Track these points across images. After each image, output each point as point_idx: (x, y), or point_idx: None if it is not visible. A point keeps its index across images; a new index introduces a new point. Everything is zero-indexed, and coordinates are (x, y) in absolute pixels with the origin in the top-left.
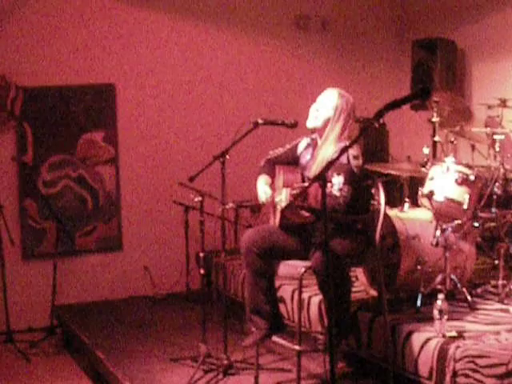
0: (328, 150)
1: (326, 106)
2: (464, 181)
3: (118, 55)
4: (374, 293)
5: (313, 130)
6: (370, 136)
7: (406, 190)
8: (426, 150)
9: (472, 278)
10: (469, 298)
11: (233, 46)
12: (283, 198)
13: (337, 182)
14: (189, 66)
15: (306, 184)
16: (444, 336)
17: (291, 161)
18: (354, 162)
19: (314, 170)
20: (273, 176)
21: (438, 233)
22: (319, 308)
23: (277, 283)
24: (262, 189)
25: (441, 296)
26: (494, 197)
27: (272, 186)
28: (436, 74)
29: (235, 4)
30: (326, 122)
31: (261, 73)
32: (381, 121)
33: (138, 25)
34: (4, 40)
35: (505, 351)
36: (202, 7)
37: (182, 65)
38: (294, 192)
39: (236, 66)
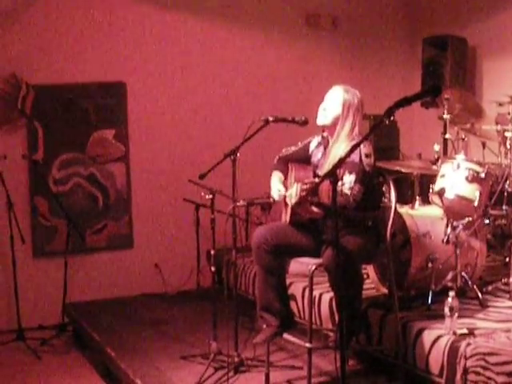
0: (340, 147)
1: (333, 103)
2: (475, 178)
3: (128, 53)
4: (384, 290)
5: (323, 129)
6: (380, 133)
7: (417, 187)
8: (437, 148)
9: (483, 275)
10: (479, 295)
11: (243, 44)
12: (294, 193)
13: (348, 181)
14: (199, 64)
15: (317, 180)
16: (455, 333)
17: (303, 159)
18: (365, 161)
19: (326, 168)
20: (286, 173)
21: (449, 230)
22: (330, 305)
23: (288, 281)
24: (276, 186)
25: (451, 293)
26: (505, 194)
27: (285, 183)
28: (446, 72)
29: (245, 2)
30: (336, 120)
31: (271, 70)
32: (391, 118)
33: (148, 23)
34: (15, 38)
35: None
36: (213, 5)
37: (192, 63)
38: (305, 187)
39: (246, 63)
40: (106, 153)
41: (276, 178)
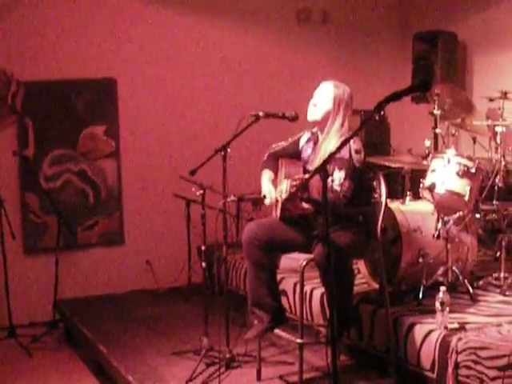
0: (330, 143)
1: (323, 99)
2: (465, 173)
3: (118, 49)
4: (375, 285)
5: (313, 124)
6: (371, 129)
7: (408, 182)
8: (428, 143)
9: (474, 270)
10: (470, 290)
11: (233, 40)
12: (283, 189)
13: (338, 177)
14: (189, 59)
15: (307, 175)
16: (446, 328)
17: (293, 155)
18: (356, 157)
19: (316, 163)
20: (276, 170)
21: (440, 225)
22: (321, 301)
23: (279, 276)
24: (267, 188)
25: (442, 288)
26: (496, 189)
27: (275, 181)
28: (437, 67)
29: None
30: (326, 116)
31: (262, 65)
32: (381, 113)
33: (138, 19)
34: (4, 34)
35: (506, 343)
36: (202, 1)
37: (182, 58)
38: (295, 183)
39: (237, 58)
40: (96, 149)
41: (266, 178)
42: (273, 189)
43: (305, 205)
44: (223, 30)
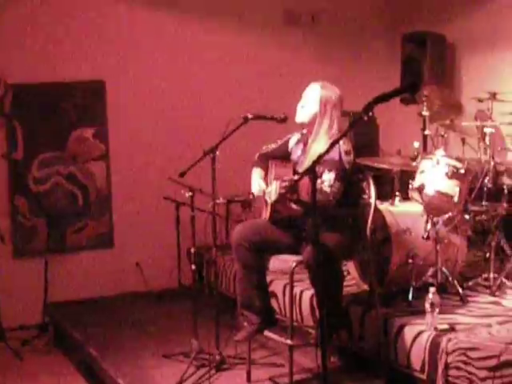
0: (320, 144)
1: (310, 101)
2: (454, 174)
3: (107, 52)
4: (365, 287)
5: (302, 126)
6: (360, 130)
7: (397, 183)
8: (417, 144)
9: (463, 271)
10: (460, 290)
11: (222, 42)
12: (273, 190)
13: (327, 179)
14: (178, 61)
15: (296, 177)
16: (436, 329)
17: (283, 156)
18: (345, 158)
19: (306, 165)
20: (266, 170)
21: (429, 226)
22: (311, 302)
23: (268, 278)
24: (256, 182)
25: (432, 289)
26: (485, 190)
27: (265, 179)
28: (426, 68)
29: None
30: (314, 117)
31: (250, 67)
32: (370, 114)
33: (126, 21)
34: None
35: (496, 343)
36: (190, 2)
37: (170, 60)
38: (284, 184)
39: (225, 60)
40: (85, 151)
41: (256, 175)
42: (263, 183)
43: (294, 206)
44: (211, 32)
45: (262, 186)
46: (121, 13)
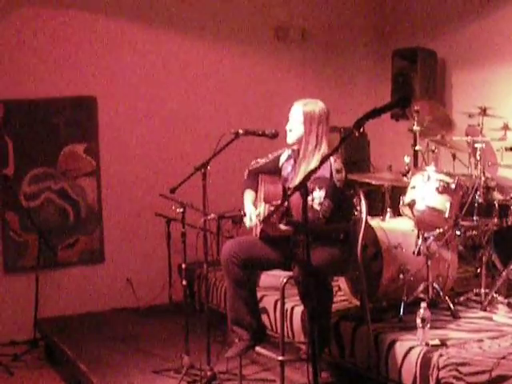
0: (309, 162)
1: (295, 123)
2: (445, 189)
3: (99, 68)
4: (356, 302)
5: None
6: (351, 146)
7: (388, 199)
8: (407, 159)
9: (454, 286)
10: (451, 306)
11: (213, 57)
12: (262, 212)
13: (318, 196)
14: (169, 77)
15: (283, 202)
16: (427, 344)
17: (273, 172)
18: (336, 176)
19: (296, 182)
20: (257, 188)
21: (420, 241)
22: (302, 318)
23: (259, 294)
24: (249, 211)
25: (423, 304)
26: (476, 205)
27: (256, 199)
28: (416, 84)
29: (215, 15)
30: (300, 138)
31: (241, 83)
32: (361, 130)
33: (118, 37)
34: None
35: (488, 359)
36: (182, 19)
37: (162, 76)
38: (272, 208)
39: (216, 76)
40: (76, 167)
41: (248, 200)
42: (255, 212)
43: (283, 227)
44: (202, 48)
45: (254, 215)
46: (113, 29)
